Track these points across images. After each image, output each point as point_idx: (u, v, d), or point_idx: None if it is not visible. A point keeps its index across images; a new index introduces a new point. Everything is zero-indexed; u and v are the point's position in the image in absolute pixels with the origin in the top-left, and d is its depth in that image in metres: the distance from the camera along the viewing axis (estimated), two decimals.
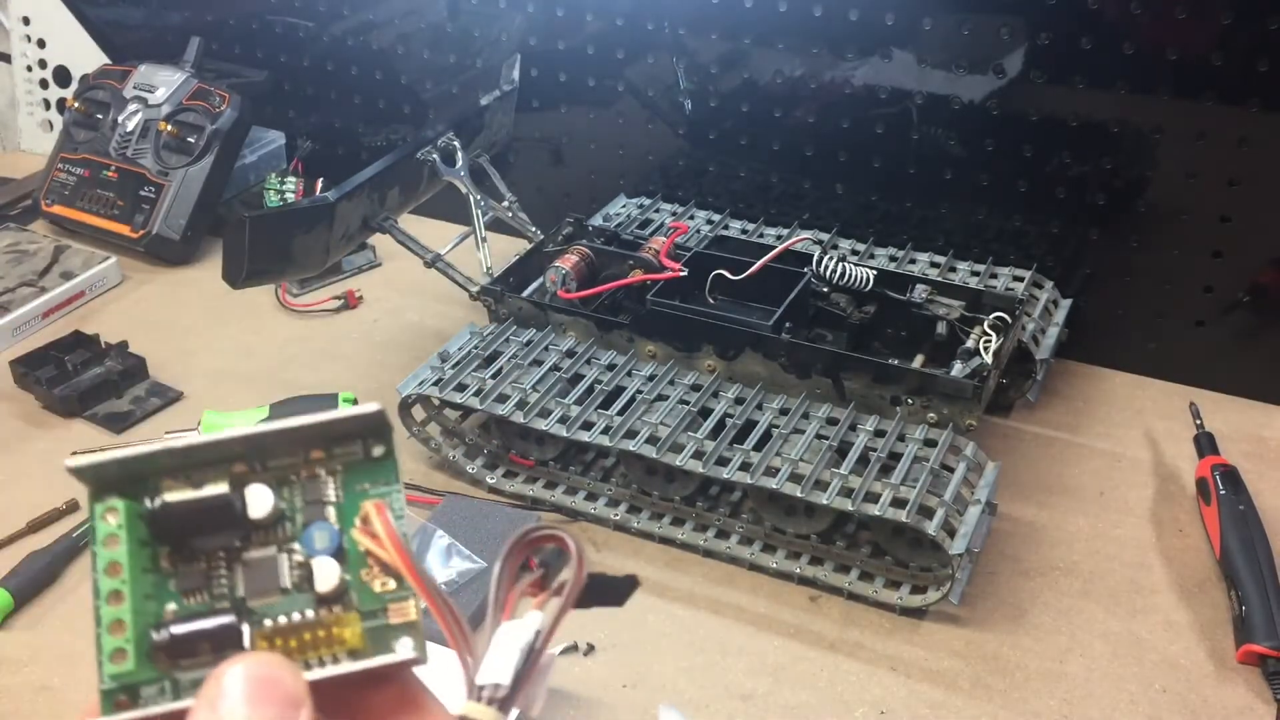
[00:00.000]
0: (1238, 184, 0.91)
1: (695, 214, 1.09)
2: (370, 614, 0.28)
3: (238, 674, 0.25)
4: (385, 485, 0.29)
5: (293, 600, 0.27)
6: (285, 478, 0.28)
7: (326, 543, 0.28)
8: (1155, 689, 0.72)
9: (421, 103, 1.25)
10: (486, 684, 0.27)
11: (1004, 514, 0.85)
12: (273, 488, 0.28)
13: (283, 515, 0.28)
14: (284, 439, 0.28)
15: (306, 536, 0.28)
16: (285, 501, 0.28)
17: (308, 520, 0.28)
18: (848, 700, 0.71)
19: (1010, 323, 0.86)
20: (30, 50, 1.44)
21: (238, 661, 0.25)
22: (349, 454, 0.28)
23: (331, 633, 0.27)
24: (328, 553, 0.27)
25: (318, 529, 0.28)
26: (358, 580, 0.28)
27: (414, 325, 1.10)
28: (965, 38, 0.94)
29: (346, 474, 0.28)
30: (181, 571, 0.28)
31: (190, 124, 1.21)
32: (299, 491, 0.28)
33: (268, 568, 0.28)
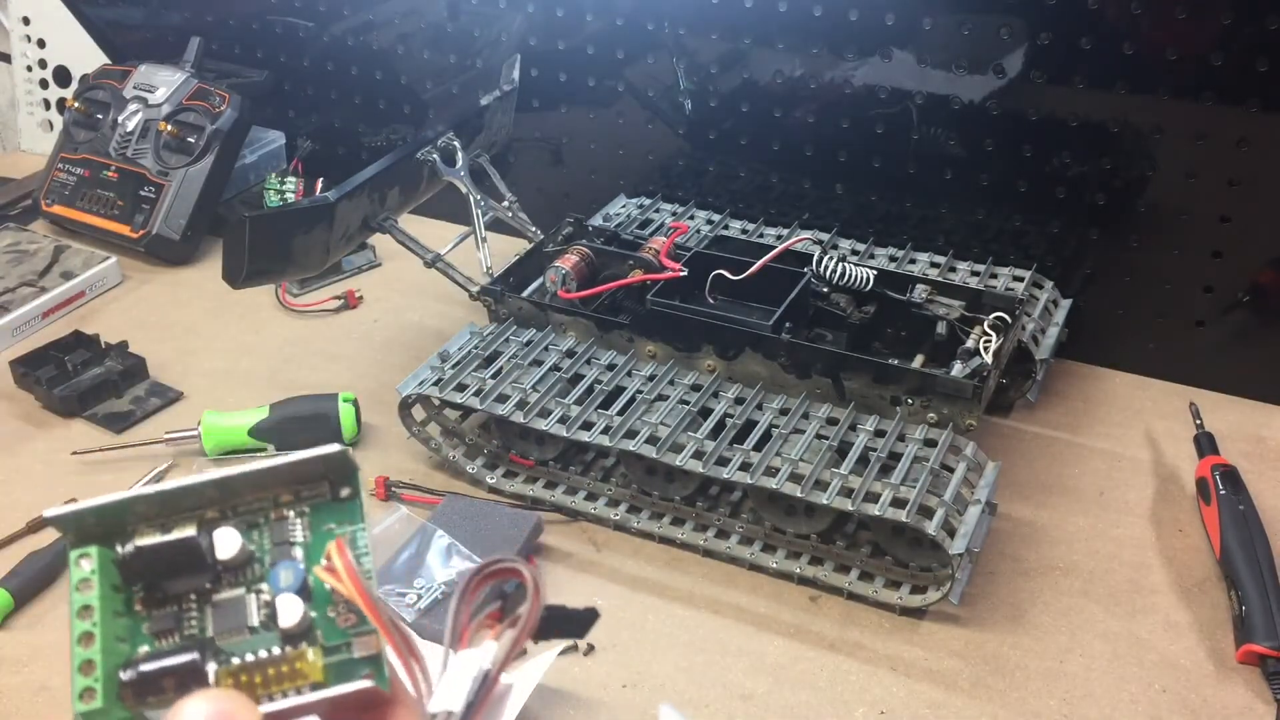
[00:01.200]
0: (1237, 184, 0.91)
1: (695, 214, 1.09)
2: (334, 649, 0.29)
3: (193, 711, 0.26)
4: (350, 524, 0.30)
5: (260, 638, 0.29)
6: (255, 521, 0.30)
7: (291, 580, 0.29)
8: (1155, 689, 0.72)
9: (421, 103, 1.25)
10: (439, 712, 0.27)
11: (1004, 514, 0.85)
12: (241, 530, 0.29)
13: (251, 557, 0.29)
14: (252, 481, 0.29)
15: (273, 575, 0.29)
16: (254, 544, 0.30)
17: (275, 560, 0.29)
18: (848, 700, 0.71)
19: (1010, 323, 0.86)
20: (30, 50, 1.44)
21: (192, 699, 0.26)
22: (316, 495, 0.30)
23: (295, 667, 0.28)
24: (292, 590, 0.29)
25: (283, 568, 0.29)
26: (323, 616, 0.29)
27: (414, 325, 1.10)
28: (965, 38, 0.94)
29: (313, 515, 0.30)
30: (154, 615, 0.29)
31: (190, 124, 1.21)
32: (267, 533, 0.29)
33: (236, 608, 0.29)
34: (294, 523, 0.30)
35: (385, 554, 0.80)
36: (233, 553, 0.29)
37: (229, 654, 0.29)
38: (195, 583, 0.29)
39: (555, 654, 0.71)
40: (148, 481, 0.90)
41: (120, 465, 0.92)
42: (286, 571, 0.29)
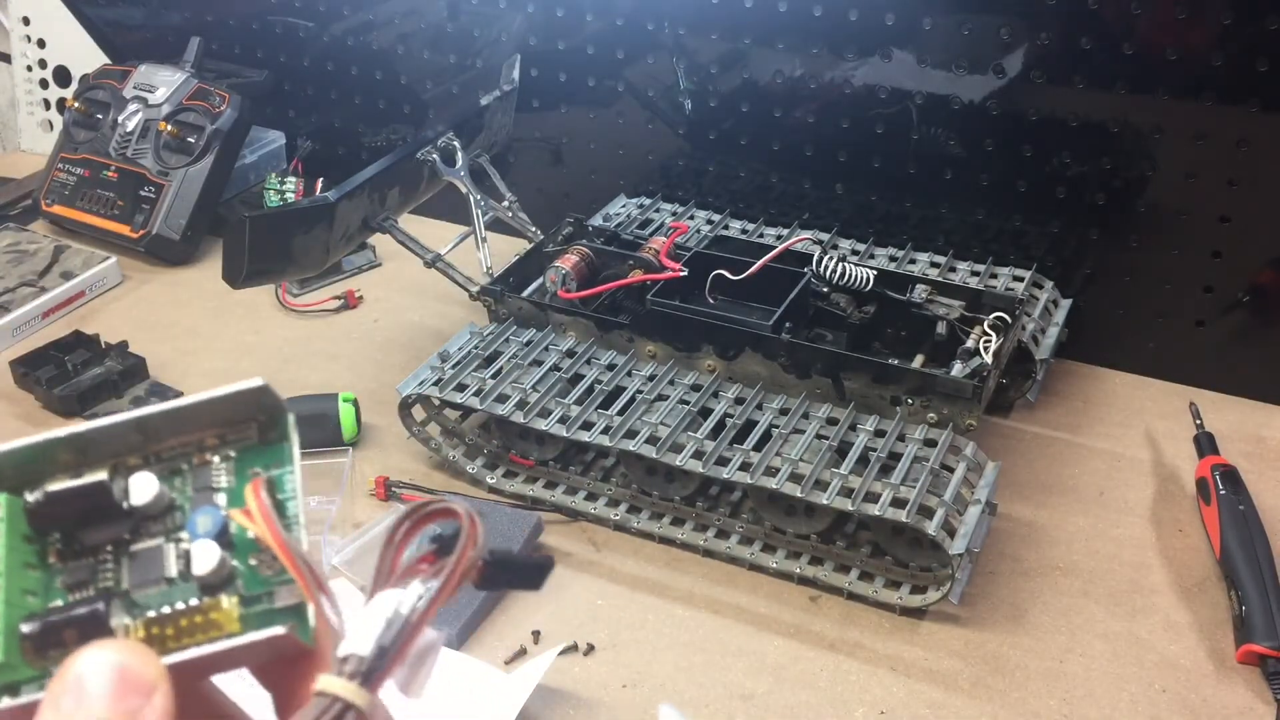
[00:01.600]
0: (1237, 184, 0.91)
1: (695, 214, 1.09)
2: (254, 598, 0.27)
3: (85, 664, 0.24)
4: (279, 467, 0.28)
5: (177, 590, 0.27)
6: (177, 467, 0.28)
7: (209, 526, 0.27)
8: (1155, 689, 0.72)
9: (421, 103, 1.25)
10: (347, 655, 0.25)
11: (1004, 514, 0.85)
12: (163, 477, 0.28)
13: (171, 504, 0.28)
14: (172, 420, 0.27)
15: (191, 522, 0.27)
16: (176, 491, 0.28)
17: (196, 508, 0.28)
18: (847, 700, 0.71)
19: (1010, 323, 0.86)
20: (30, 50, 1.44)
21: (85, 651, 0.25)
22: (243, 438, 0.28)
23: (210, 618, 0.27)
24: (210, 536, 0.27)
25: (201, 513, 0.27)
26: (245, 565, 0.27)
27: (414, 325, 1.10)
28: (965, 38, 0.94)
29: (239, 459, 0.28)
30: (69, 567, 0.27)
31: (190, 124, 1.21)
32: (190, 480, 0.28)
33: (153, 558, 0.27)
34: (218, 468, 0.28)
35: None
36: (149, 498, 0.27)
37: (144, 607, 0.27)
38: (112, 532, 0.27)
39: (555, 654, 0.71)
40: None
41: None
42: (204, 517, 0.27)
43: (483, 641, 0.75)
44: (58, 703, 0.24)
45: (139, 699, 0.24)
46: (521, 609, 0.78)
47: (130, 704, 0.24)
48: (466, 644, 0.75)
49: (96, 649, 0.25)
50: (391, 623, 0.26)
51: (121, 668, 0.24)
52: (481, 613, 0.76)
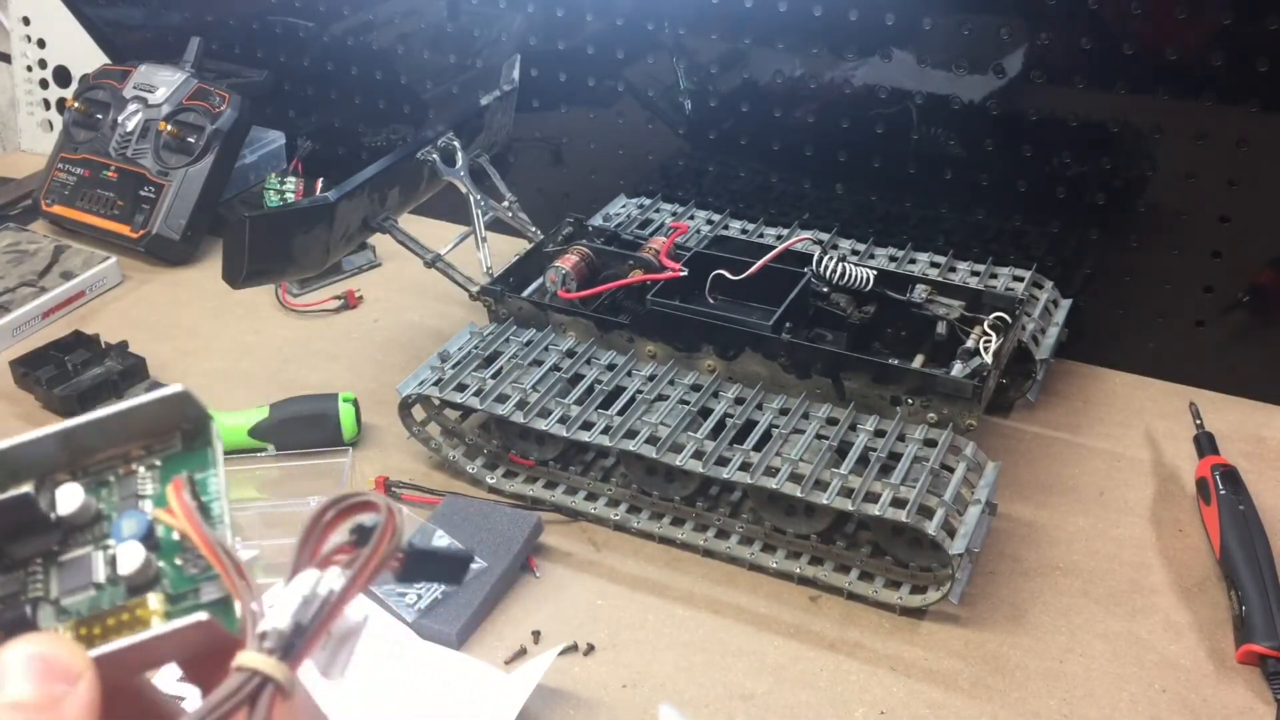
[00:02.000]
0: (1237, 184, 0.91)
1: (695, 214, 1.09)
2: (180, 595, 0.28)
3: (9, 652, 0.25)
4: (202, 471, 0.29)
5: (105, 593, 0.28)
6: (104, 478, 0.29)
7: (134, 529, 0.28)
8: (1155, 689, 0.72)
9: (421, 103, 1.25)
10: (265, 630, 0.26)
11: (1004, 514, 0.85)
12: (89, 489, 0.28)
13: (99, 514, 0.28)
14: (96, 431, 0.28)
15: (115, 527, 0.28)
16: (104, 501, 0.29)
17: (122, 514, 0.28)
18: (847, 700, 0.71)
19: (1010, 323, 0.86)
20: (30, 50, 1.44)
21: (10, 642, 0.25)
22: (168, 447, 0.29)
23: (135, 615, 0.27)
24: (135, 538, 0.28)
25: (126, 518, 0.28)
26: (171, 565, 0.28)
27: (414, 325, 1.10)
28: (965, 38, 0.94)
29: (164, 467, 0.29)
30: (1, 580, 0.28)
31: (190, 124, 1.21)
32: (117, 489, 0.29)
33: (81, 565, 0.28)
34: (144, 476, 0.29)
35: None
36: (75, 508, 0.28)
37: (73, 612, 0.28)
38: (42, 544, 0.28)
39: (555, 654, 0.71)
40: None
41: None
42: (129, 521, 0.28)
43: (483, 641, 0.75)
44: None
45: (63, 685, 0.25)
46: (521, 609, 0.78)
47: (53, 689, 0.24)
48: (466, 644, 0.75)
49: (22, 640, 0.25)
50: (309, 601, 0.26)
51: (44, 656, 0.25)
52: (481, 613, 0.76)
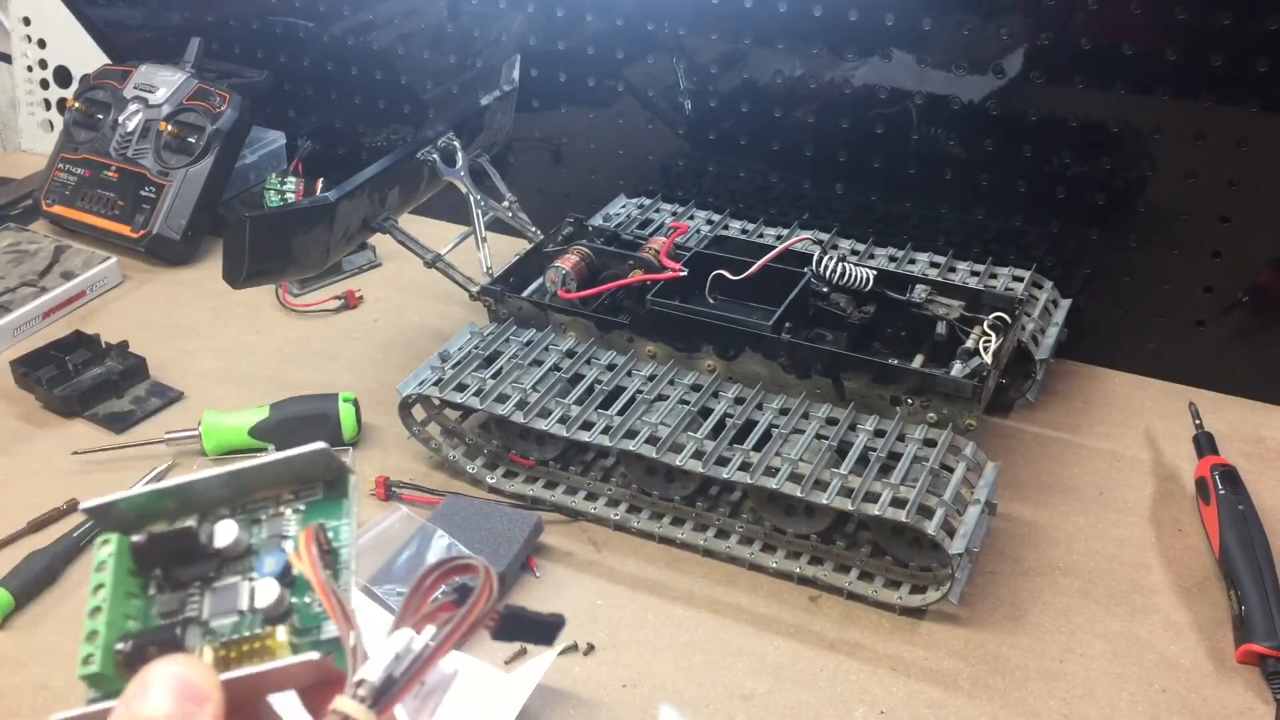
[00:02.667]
0: (1237, 184, 0.91)
1: (695, 214, 1.09)
2: (306, 630, 0.32)
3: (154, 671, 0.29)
4: (335, 520, 0.33)
5: (246, 620, 0.32)
6: (257, 517, 0.33)
7: (274, 567, 0.32)
8: (1155, 689, 0.72)
9: (421, 103, 1.25)
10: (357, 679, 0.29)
11: (1003, 514, 0.85)
12: (243, 525, 0.33)
13: (250, 548, 0.33)
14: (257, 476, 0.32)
15: (260, 563, 0.32)
16: (254, 537, 0.33)
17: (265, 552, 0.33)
18: (847, 700, 0.71)
19: (1010, 323, 0.86)
20: (31, 50, 1.44)
21: (157, 662, 0.29)
22: (311, 494, 0.33)
23: (265, 644, 0.31)
24: (273, 575, 0.32)
25: (268, 555, 0.32)
26: (302, 602, 0.32)
27: (414, 325, 1.10)
28: (965, 38, 0.94)
29: (307, 512, 0.33)
30: (163, 599, 0.32)
31: (191, 124, 1.22)
32: (266, 527, 0.33)
33: (231, 592, 0.32)
34: (289, 518, 0.33)
35: (385, 554, 0.80)
36: (229, 541, 0.32)
37: (218, 633, 0.32)
38: (201, 570, 0.32)
39: (555, 654, 0.71)
40: (148, 481, 0.90)
41: (120, 465, 0.92)
42: (271, 559, 0.32)
43: (483, 641, 0.75)
44: (129, 701, 0.28)
45: (194, 705, 0.28)
46: None
47: (186, 708, 0.28)
48: (467, 644, 0.75)
49: (166, 661, 0.29)
50: (402, 657, 0.30)
51: (183, 677, 0.28)
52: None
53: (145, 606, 0.32)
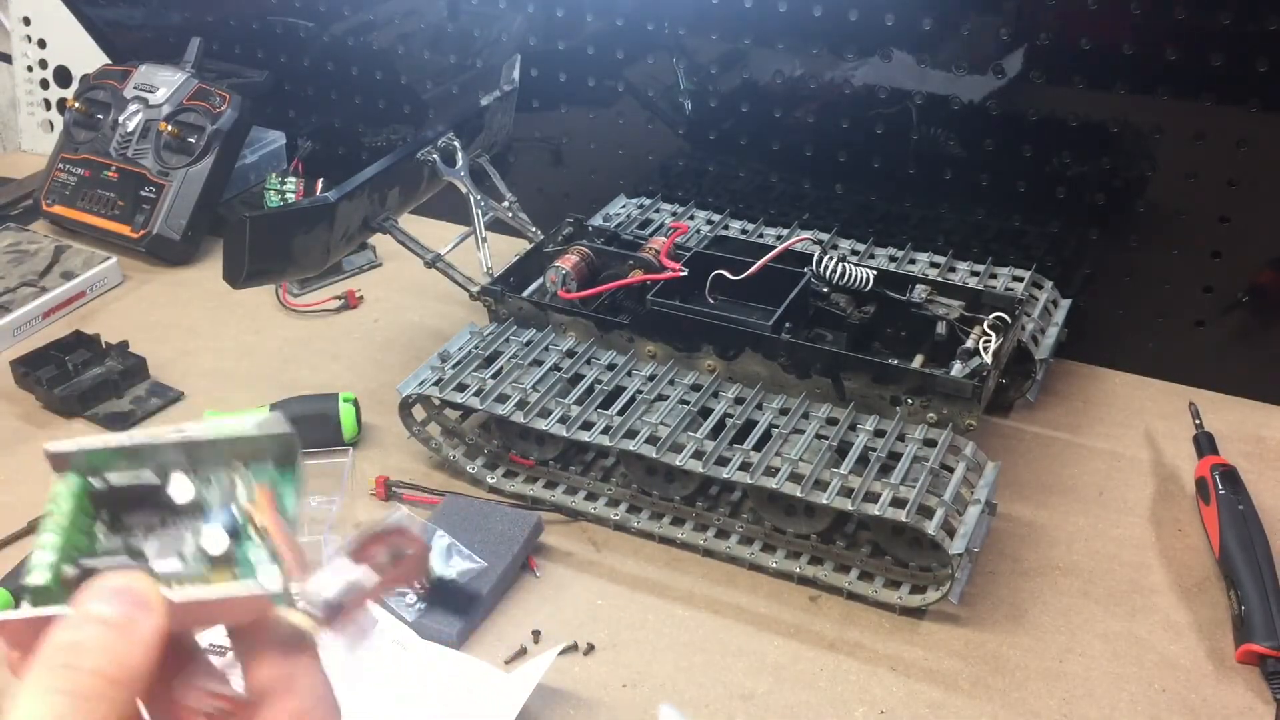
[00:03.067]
0: (1237, 184, 0.91)
1: (695, 214, 1.09)
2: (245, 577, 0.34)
3: (102, 581, 0.31)
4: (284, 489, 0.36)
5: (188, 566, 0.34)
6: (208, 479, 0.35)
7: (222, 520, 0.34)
8: (1155, 689, 0.72)
9: (421, 103, 1.25)
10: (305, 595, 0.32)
11: (1004, 514, 0.85)
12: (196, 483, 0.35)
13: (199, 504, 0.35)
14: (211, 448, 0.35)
15: (208, 514, 0.35)
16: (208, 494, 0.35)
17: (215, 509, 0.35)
18: (847, 700, 0.71)
19: (1010, 323, 0.86)
20: (31, 50, 1.44)
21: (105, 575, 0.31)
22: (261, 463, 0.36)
23: (208, 580, 0.34)
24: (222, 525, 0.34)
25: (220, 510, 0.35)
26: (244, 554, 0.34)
27: (414, 325, 1.10)
28: (965, 38, 0.94)
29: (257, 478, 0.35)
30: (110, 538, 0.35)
31: (191, 124, 1.22)
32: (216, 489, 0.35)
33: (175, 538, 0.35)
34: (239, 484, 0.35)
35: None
36: (187, 499, 0.35)
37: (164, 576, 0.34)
38: (149, 518, 0.35)
39: (555, 654, 0.71)
40: None
41: None
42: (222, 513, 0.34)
43: (483, 641, 0.75)
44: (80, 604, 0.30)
45: (139, 611, 0.30)
46: (521, 609, 0.78)
47: (131, 612, 0.30)
48: (467, 644, 0.75)
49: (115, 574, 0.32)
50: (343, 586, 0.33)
51: (130, 587, 0.31)
52: (481, 613, 0.76)
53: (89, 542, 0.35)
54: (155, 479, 0.35)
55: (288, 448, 0.36)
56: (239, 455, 0.35)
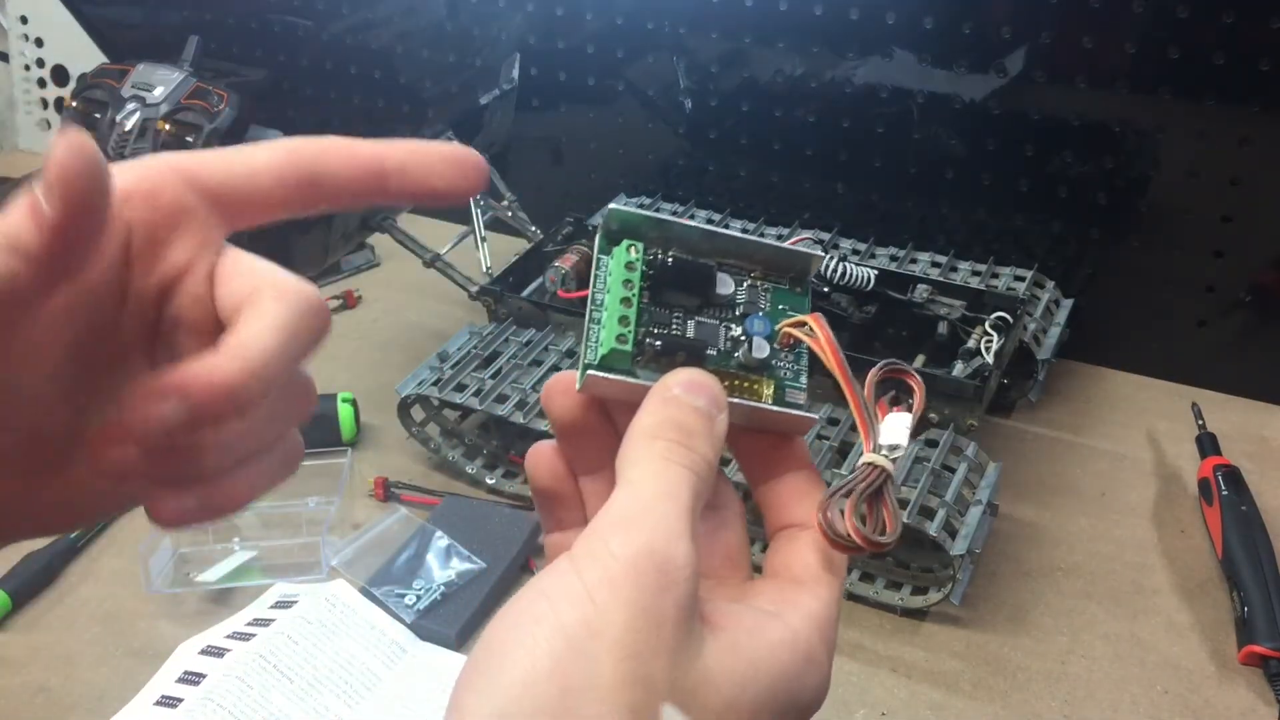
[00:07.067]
0: (1239, 183, 0.90)
1: (695, 213, 1.09)
2: (780, 388, 0.37)
3: (682, 374, 0.34)
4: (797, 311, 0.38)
5: (723, 358, 0.37)
6: (740, 278, 0.38)
7: (763, 329, 0.37)
8: (1157, 690, 0.71)
9: (421, 102, 1.25)
10: (885, 444, 0.35)
11: (1005, 514, 0.84)
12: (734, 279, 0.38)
13: (733, 300, 0.38)
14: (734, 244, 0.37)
15: (749, 320, 0.37)
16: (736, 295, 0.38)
17: (745, 313, 0.37)
18: (848, 701, 0.71)
19: (1011, 323, 0.86)
20: (28, 49, 1.43)
21: (684, 369, 0.34)
22: (778, 280, 0.38)
23: (751, 385, 0.37)
24: (763, 335, 0.37)
25: (756, 318, 0.37)
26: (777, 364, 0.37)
27: (413, 325, 1.10)
28: (966, 37, 0.94)
29: (774, 294, 0.38)
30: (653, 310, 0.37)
31: (189, 123, 1.21)
32: (745, 291, 0.38)
33: (712, 330, 0.37)
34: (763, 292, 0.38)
35: (384, 555, 0.80)
36: (727, 291, 0.37)
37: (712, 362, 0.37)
38: (689, 301, 0.37)
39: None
40: None
41: None
42: (760, 322, 0.37)
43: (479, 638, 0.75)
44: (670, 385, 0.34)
45: (715, 409, 0.34)
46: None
47: (711, 411, 0.33)
48: (466, 644, 0.75)
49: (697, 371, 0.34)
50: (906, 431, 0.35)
51: (706, 384, 0.34)
52: (481, 613, 0.76)
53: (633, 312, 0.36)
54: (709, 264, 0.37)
55: (803, 271, 0.38)
56: (762, 262, 0.38)
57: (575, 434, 0.36)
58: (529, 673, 0.28)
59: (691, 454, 0.32)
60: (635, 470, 0.32)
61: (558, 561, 0.30)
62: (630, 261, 0.36)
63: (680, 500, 0.31)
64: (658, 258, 0.37)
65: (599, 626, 0.28)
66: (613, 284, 0.36)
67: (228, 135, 1.21)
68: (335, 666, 0.71)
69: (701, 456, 0.32)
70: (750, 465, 0.38)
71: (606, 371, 0.35)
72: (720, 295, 0.37)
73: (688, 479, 0.31)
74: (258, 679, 0.69)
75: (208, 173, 0.34)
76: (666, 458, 0.32)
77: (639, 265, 0.36)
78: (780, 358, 0.37)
